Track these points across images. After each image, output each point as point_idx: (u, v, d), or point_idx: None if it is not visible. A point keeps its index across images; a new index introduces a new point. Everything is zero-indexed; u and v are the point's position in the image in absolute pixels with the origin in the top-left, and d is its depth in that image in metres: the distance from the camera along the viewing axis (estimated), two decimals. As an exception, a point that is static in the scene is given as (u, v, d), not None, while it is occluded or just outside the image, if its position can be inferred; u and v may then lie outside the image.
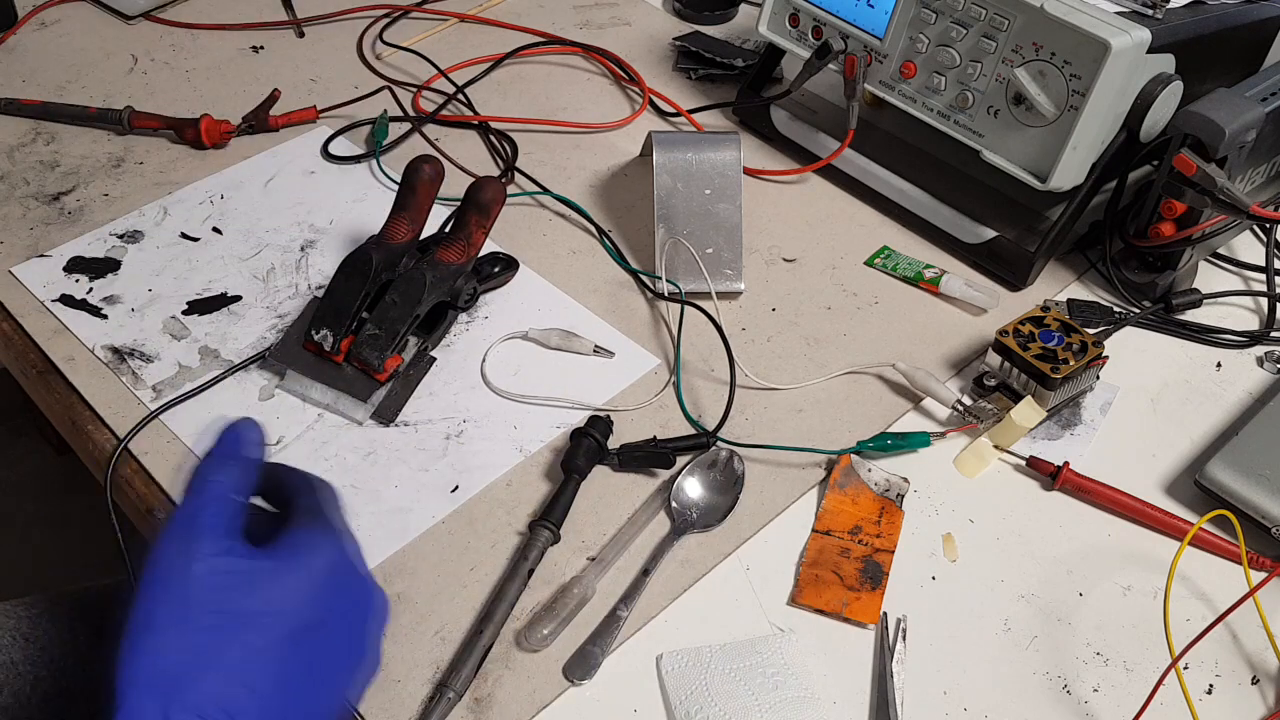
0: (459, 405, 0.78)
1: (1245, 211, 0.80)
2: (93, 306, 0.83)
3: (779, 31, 0.99)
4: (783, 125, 1.01)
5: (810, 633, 0.66)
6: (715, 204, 0.87)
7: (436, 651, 0.64)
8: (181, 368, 0.79)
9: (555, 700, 0.63)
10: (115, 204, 0.92)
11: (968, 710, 0.63)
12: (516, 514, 0.72)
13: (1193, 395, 0.82)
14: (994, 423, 0.76)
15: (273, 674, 0.47)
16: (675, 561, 0.69)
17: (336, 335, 0.76)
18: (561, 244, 0.91)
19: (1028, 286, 0.89)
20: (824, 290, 0.88)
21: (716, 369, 0.81)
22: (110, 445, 0.74)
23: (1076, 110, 0.80)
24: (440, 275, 0.79)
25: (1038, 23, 0.81)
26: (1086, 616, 0.68)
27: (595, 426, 0.74)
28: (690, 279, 0.86)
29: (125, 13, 1.15)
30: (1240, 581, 0.67)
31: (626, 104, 1.08)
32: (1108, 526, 0.73)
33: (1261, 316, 0.89)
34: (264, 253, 0.89)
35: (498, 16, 1.18)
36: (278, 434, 0.75)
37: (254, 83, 1.07)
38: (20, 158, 0.97)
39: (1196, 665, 0.66)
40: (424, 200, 0.82)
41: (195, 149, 0.99)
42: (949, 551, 0.71)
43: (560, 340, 0.82)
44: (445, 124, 1.04)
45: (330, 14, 1.17)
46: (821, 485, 0.74)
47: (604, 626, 0.65)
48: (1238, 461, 0.72)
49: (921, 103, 0.90)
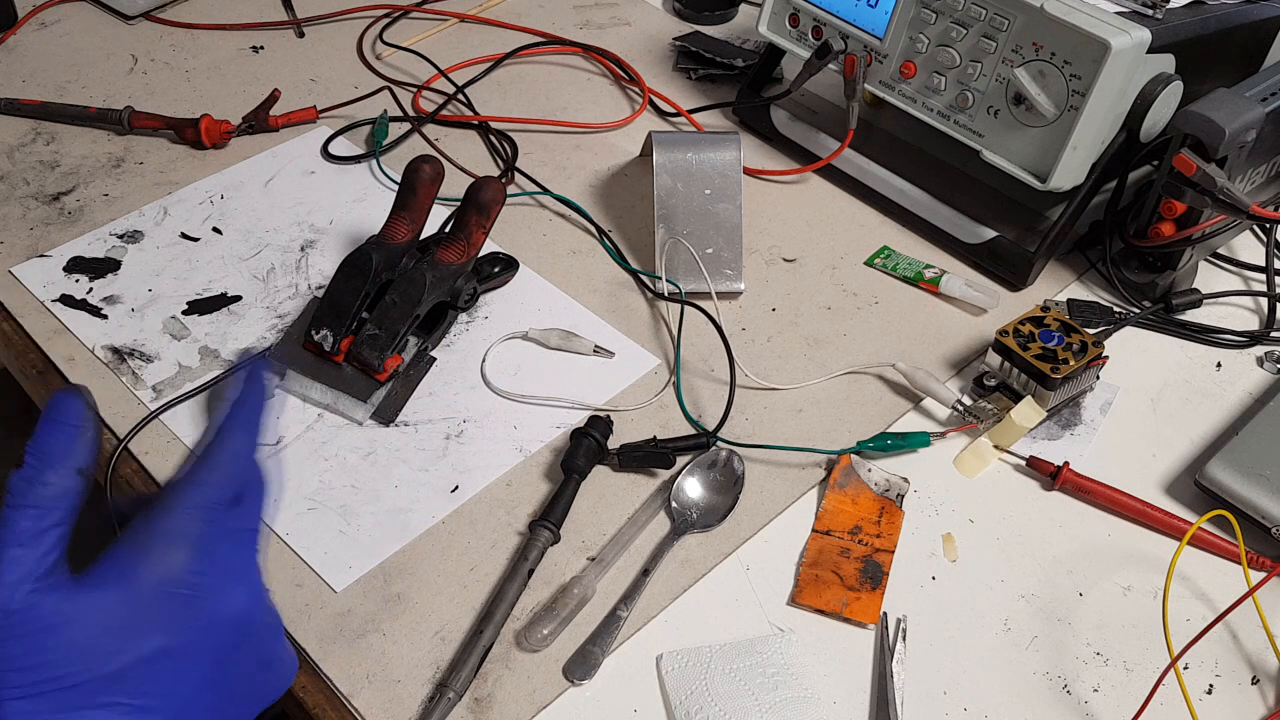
0: (459, 405, 0.78)
1: (1245, 211, 0.80)
2: (93, 306, 0.83)
3: (779, 31, 0.99)
4: (783, 125, 1.01)
5: (810, 633, 0.66)
6: (715, 204, 0.87)
7: (436, 651, 0.64)
8: (181, 368, 0.79)
9: (555, 700, 0.63)
10: (115, 204, 0.92)
11: (968, 710, 0.63)
12: (516, 514, 0.72)
13: (1193, 395, 0.82)
14: (994, 423, 0.77)
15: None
16: (675, 561, 0.69)
17: (336, 335, 0.76)
18: (561, 244, 0.92)
19: (1028, 286, 0.89)
20: (824, 290, 0.88)
21: (716, 369, 0.81)
22: (110, 445, 0.74)
23: (1076, 110, 0.80)
24: (440, 275, 0.79)
25: (1038, 23, 0.81)
26: (1086, 616, 0.68)
27: (595, 426, 0.74)
28: (690, 279, 0.86)
29: (125, 13, 1.15)
30: (1240, 581, 0.67)
31: (626, 104, 1.08)
32: (1108, 526, 0.73)
33: (1261, 316, 0.89)
34: (264, 253, 0.89)
35: (498, 16, 1.18)
36: (278, 434, 0.75)
37: (254, 83, 1.07)
38: (20, 158, 0.97)
39: (1196, 665, 0.66)
40: (424, 200, 0.82)
41: (195, 149, 0.99)
42: (949, 551, 0.71)
43: (560, 340, 0.82)
44: (445, 124, 1.04)
45: (330, 14, 1.17)
46: (821, 485, 0.74)
47: (604, 626, 0.65)
48: (1238, 461, 0.72)
49: (921, 103, 0.90)
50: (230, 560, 0.45)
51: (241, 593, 0.46)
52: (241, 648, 0.45)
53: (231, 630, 0.45)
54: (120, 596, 0.42)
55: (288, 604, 0.66)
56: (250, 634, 0.46)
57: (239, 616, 0.45)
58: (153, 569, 0.43)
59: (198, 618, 0.44)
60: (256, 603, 0.46)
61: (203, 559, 0.44)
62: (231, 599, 0.45)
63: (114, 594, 0.42)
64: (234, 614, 0.45)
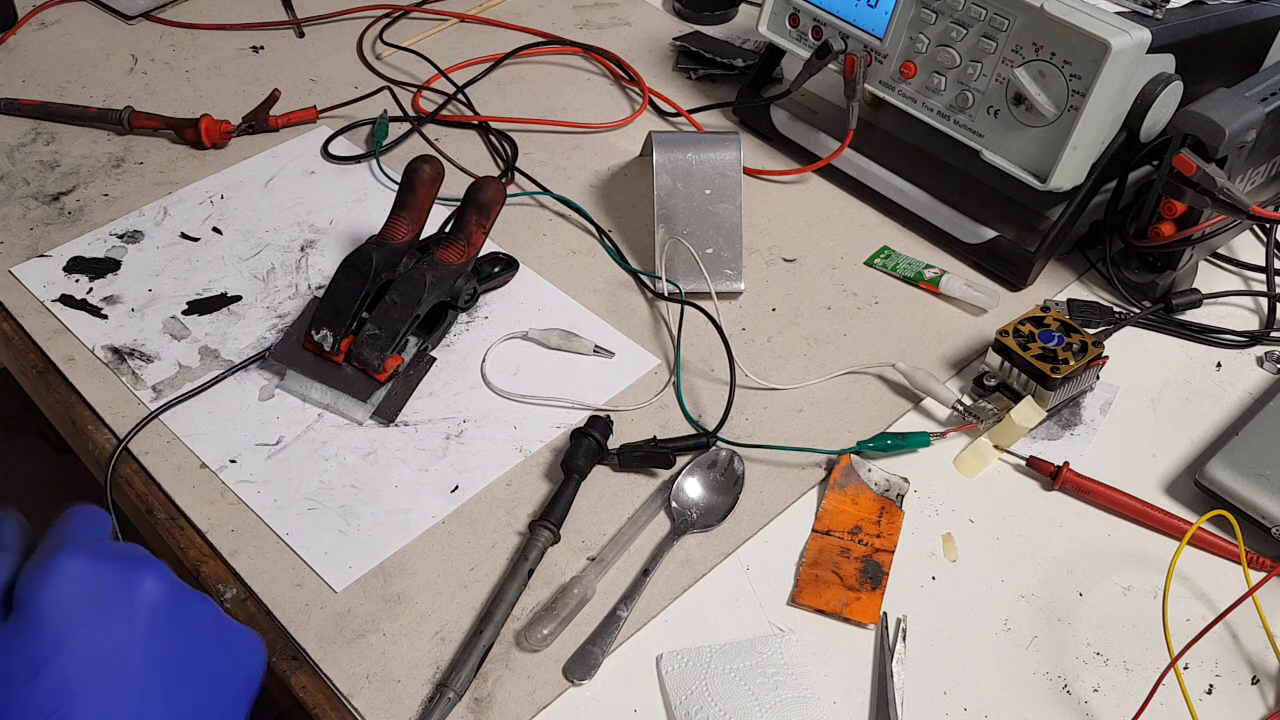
0: (459, 405, 0.78)
1: (1245, 211, 0.80)
2: (93, 306, 0.83)
3: (779, 31, 0.99)
4: (783, 125, 1.01)
5: (810, 633, 0.66)
6: (715, 204, 0.87)
7: (436, 651, 0.64)
8: (181, 368, 0.79)
9: (555, 700, 0.63)
10: (115, 204, 0.92)
11: (968, 710, 0.63)
12: (516, 514, 0.72)
13: (1193, 395, 0.82)
14: (994, 423, 0.76)
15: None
16: (675, 561, 0.69)
17: (336, 335, 0.76)
18: (561, 244, 0.91)
19: (1028, 286, 0.89)
20: (824, 290, 0.88)
21: (716, 369, 0.81)
22: (110, 445, 0.74)
23: (1076, 110, 0.80)
24: (440, 275, 0.79)
25: (1038, 23, 0.81)
26: (1086, 616, 0.68)
27: (595, 426, 0.74)
28: (690, 279, 0.86)
29: (125, 13, 1.15)
30: (1240, 581, 0.67)
31: (626, 104, 1.08)
32: (1108, 526, 0.73)
33: (1261, 316, 0.89)
34: (264, 253, 0.89)
35: (498, 16, 1.18)
36: (278, 434, 0.75)
37: (254, 83, 1.07)
38: (20, 158, 0.97)
39: (1196, 665, 0.66)
40: (424, 200, 0.82)
41: (195, 149, 0.99)
42: (949, 551, 0.71)
43: (560, 340, 0.82)
44: (445, 124, 1.04)
45: (330, 14, 1.17)
46: (821, 485, 0.74)
47: (604, 626, 0.65)
48: (1238, 461, 0.72)
49: (921, 103, 0.90)
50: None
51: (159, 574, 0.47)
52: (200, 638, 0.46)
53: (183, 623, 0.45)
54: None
55: (288, 604, 0.66)
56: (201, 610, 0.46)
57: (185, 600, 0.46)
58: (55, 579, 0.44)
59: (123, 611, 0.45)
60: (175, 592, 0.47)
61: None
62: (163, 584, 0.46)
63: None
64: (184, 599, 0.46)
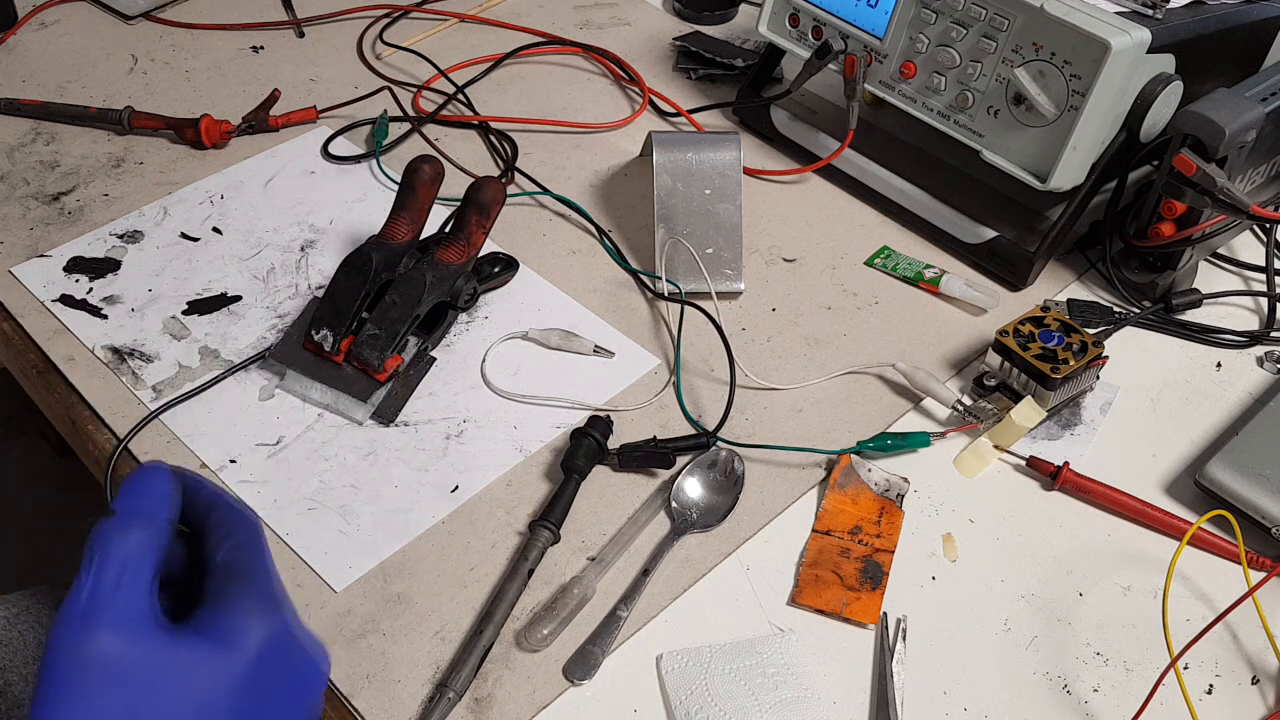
0: (459, 405, 0.78)
1: (1245, 211, 0.80)
2: (93, 306, 0.83)
3: (779, 31, 0.99)
4: (783, 125, 1.01)
5: (810, 633, 0.66)
6: (715, 204, 0.87)
7: (436, 651, 0.64)
8: (181, 368, 0.79)
9: (555, 700, 0.63)
10: (115, 204, 0.92)
11: (968, 710, 0.63)
12: (516, 514, 0.72)
13: (1193, 395, 0.82)
14: (994, 423, 0.76)
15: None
16: (675, 561, 0.69)
17: (336, 335, 0.76)
18: (561, 244, 0.92)
19: (1028, 286, 0.89)
20: (824, 290, 0.88)
21: (716, 369, 0.81)
22: (110, 445, 0.74)
23: (1076, 110, 0.80)
24: (440, 275, 0.79)
25: (1038, 23, 0.81)
26: (1086, 616, 0.68)
27: (595, 426, 0.74)
28: (690, 279, 0.86)
29: (125, 13, 1.15)
30: (1240, 581, 0.67)
31: (626, 104, 1.08)
32: (1108, 526, 0.73)
33: (1261, 316, 0.89)
34: (264, 253, 0.89)
35: (498, 16, 1.18)
36: (278, 434, 0.75)
37: (254, 83, 1.07)
38: (20, 158, 0.97)
39: (1196, 665, 0.66)
40: (424, 200, 0.82)
41: (195, 149, 0.99)
42: (949, 551, 0.71)
43: (560, 340, 0.82)
44: (445, 124, 1.04)
45: (330, 14, 1.17)
46: (821, 485, 0.74)
47: (604, 626, 0.65)
48: (1238, 461, 0.72)
49: (921, 103, 0.90)
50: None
51: (323, 651, 0.49)
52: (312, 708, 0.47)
53: (311, 691, 0.47)
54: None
55: (288, 604, 0.66)
56: (324, 684, 0.48)
57: (322, 675, 0.48)
58: (257, 631, 0.44)
59: (293, 675, 0.46)
60: (328, 664, 0.49)
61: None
62: (321, 658, 0.48)
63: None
64: (322, 673, 0.48)
